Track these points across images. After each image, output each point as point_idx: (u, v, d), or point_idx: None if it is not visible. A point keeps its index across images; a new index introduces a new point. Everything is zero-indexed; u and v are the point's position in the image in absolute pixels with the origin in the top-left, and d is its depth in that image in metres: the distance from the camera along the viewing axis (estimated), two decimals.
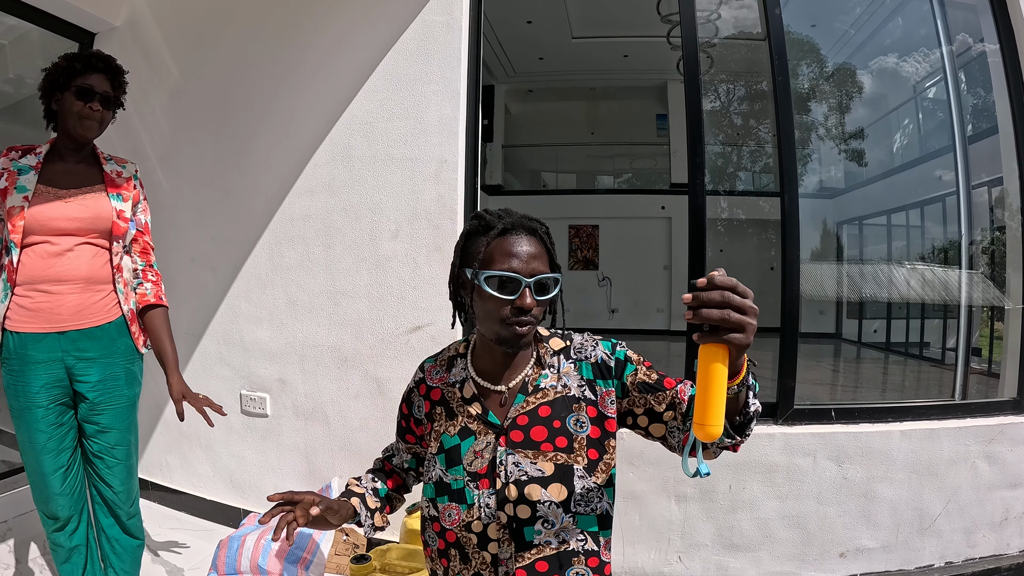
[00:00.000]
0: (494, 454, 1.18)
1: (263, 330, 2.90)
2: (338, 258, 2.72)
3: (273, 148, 2.88)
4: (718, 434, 0.86)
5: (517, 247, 1.14)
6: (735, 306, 0.83)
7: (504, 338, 1.15)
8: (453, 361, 1.30)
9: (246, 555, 2.45)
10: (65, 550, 1.90)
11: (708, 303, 0.83)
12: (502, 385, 1.23)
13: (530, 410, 1.19)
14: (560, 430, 1.17)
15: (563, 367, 1.23)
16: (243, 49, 2.97)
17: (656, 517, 2.48)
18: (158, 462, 3.24)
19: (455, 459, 1.21)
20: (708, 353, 0.85)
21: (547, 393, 1.20)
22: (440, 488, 1.22)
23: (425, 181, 2.57)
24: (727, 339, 0.84)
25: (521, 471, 1.15)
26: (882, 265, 4.88)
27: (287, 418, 2.88)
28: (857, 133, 5.49)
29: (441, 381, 1.29)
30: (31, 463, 1.84)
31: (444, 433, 1.24)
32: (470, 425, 1.22)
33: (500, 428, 1.19)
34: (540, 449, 1.16)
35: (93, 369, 1.87)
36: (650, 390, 1.18)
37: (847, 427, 2.47)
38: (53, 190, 1.84)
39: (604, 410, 1.20)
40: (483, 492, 1.17)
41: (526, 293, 1.11)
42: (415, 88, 2.60)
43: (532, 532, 1.14)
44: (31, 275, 1.79)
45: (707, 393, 0.85)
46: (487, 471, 1.18)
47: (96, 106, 1.85)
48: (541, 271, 1.13)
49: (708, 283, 0.84)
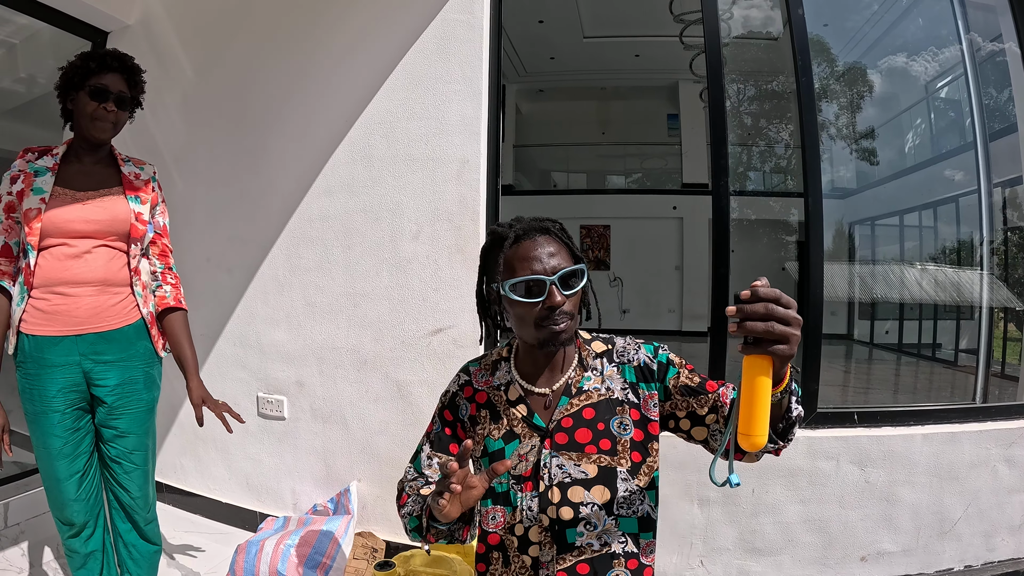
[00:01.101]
0: (538, 457, 1.19)
1: (280, 332, 2.88)
2: (358, 259, 2.69)
3: (290, 148, 2.85)
4: (763, 444, 0.88)
5: (533, 250, 1.15)
6: (779, 318, 0.84)
7: (543, 340, 1.16)
8: (497, 365, 1.31)
9: (265, 560, 2.43)
10: (80, 556, 1.88)
11: (752, 315, 0.84)
12: (546, 388, 1.24)
13: (574, 412, 1.21)
14: (604, 432, 1.19)
15: (606, 370, 1.24)
16: (258, 48, 2.94)
17: (679, 521, 2.46)
18: (172, 464, 3.21)
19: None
20: (752, 364, 0.86)
21: (591, 395, 1.22)
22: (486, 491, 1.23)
23: (447, 182, 2.54)
24: (771, 351, 0.85)
25: (565, 473, 1.17)
26: (894, 266, 4.88)
27: (305, 421, 2.86)
28: (869, 133, 5.49)
29: (487, 384, 1.30)
30: (46, 468, 1.81)
31: (488, 436, 1.25)
32: (515, 428, 1.23)
33: (545, 431, 1.20)
34: (584, 451, 1.18)
35: (111, 373, 1.84)
36: (693, 393, 1.19)
37: (869, 431, 2.45)
38: (70, 192, 1.81)
39: (647, 413, 1.21)
40: (526, 495, 1.19)
41: (553, 291, 1.12)
42: (436, 87, 2.58)
43: (574, 534, 1.16)
44: (48, 277, 1.76)
45: (752, 404, 0.87)
46: (531, 474, 1.19)
47: (110, 106, 1.82)
48: (562, 266, 1.15)
49: (752, 295, 0.85)
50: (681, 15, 5.50)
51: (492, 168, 2.57)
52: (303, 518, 2.75)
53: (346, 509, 2.70)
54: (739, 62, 6.00)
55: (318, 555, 2.45)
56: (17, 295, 1.77)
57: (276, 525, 2.79)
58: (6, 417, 1.71)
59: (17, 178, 1.78)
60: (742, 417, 0.88)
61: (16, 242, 1.81)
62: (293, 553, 2.43)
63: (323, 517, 2.69)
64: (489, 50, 2.57)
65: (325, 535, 2.51)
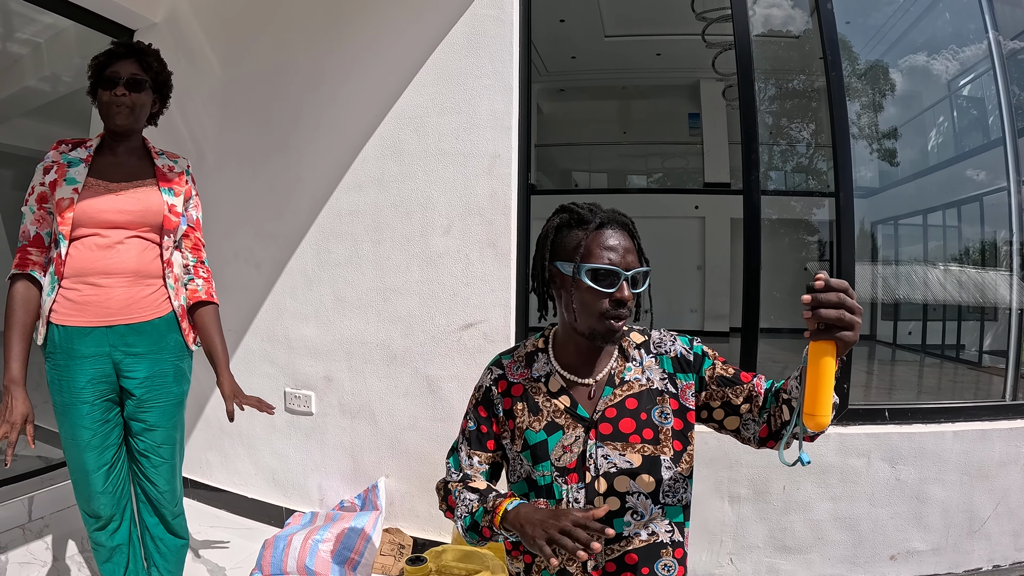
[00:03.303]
0: (584, 448, 1.19)
1: (309, 327, 2.88)
2: (388, 254, 2.69)
3: (319, 142, 2.85)
4: (827, 423, 0.94)
5: (613, 240, 1.16)
6: (849, 306, 0.90)
7: (599, 332, 1.16)
8: (533, 356, 1.30)
9: (292, 555, 2.42)
10: (106, 549, 1.87)
11: (826, 303, 0.90)
12: (588, 378, 1.24)
13: (618, 402, 1.21)
14: (647, 422, 1.19)
15: (645, 360, 1.25)
16: (285, 42, 2.94)
17: (709, 518, 2.45)
18: (198, 459, 3.22)
19: (542, 455, 1.21)
20: (819, 349, 0.92)
21: (632, 385, 1.22)
22: (529, 484, 1.24)
23: (478, 176, 2.54)
24: (839, 337, 0.91)
25: (610, 463, 1.17)
26: (917, 266, 4.83)
27: (333, 416, 2.85)
28: (892, 132, 5.43)
29: (523, 376, 1.29)
30: (74, 460, 1.81)
31: (528, 430, 1.24)
32: (556, 420, 1.22)
33: (590, 421, 1.20)
34: (628, 441, 1.18)
35: (141, 365, 1.83)
36: (728, 383, 1.22)
37: (901, 427, 2.44)
38: (103, 183, 1.81)
39: (685, 402, 1.23)
40: (572, 487, 1.19)
41: (624, 286, 1.13)
42: (466, 82, 2.57)
43: (621, 524, 1.17)
44: (79, 268, 1.75)
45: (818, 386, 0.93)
46: (576, 465, 1.19)
47: (121, 91, 1.81)
48: (635, 265, 1.16)
49: (824, 285, 0.91)
50: (703, 13, 5.48)
51: (523, 163, 2.57)
52: (331, 514, 2.75)
53: (374, 505, 2.70)
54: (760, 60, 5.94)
55: (346, 551, 2.45)
56: (47, 285, 1.76)
57: (303, 520, 2.79)
58: (31, 408, 1.70)
59: (50, 169, 1.78)
60: (808, 399, 0.94)
61: (48, 232, 1.81)
62: (321, 548, 2.42)
63: (351, 513, 2.68)
64: (519, 45, 2.56)
65: (353, 531, 2.50)
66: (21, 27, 3.76)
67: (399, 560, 2.55)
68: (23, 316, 1.74)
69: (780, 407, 1.13)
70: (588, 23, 6.74)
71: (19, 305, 1.74)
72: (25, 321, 1.75)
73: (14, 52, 3.95)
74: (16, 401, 1.67)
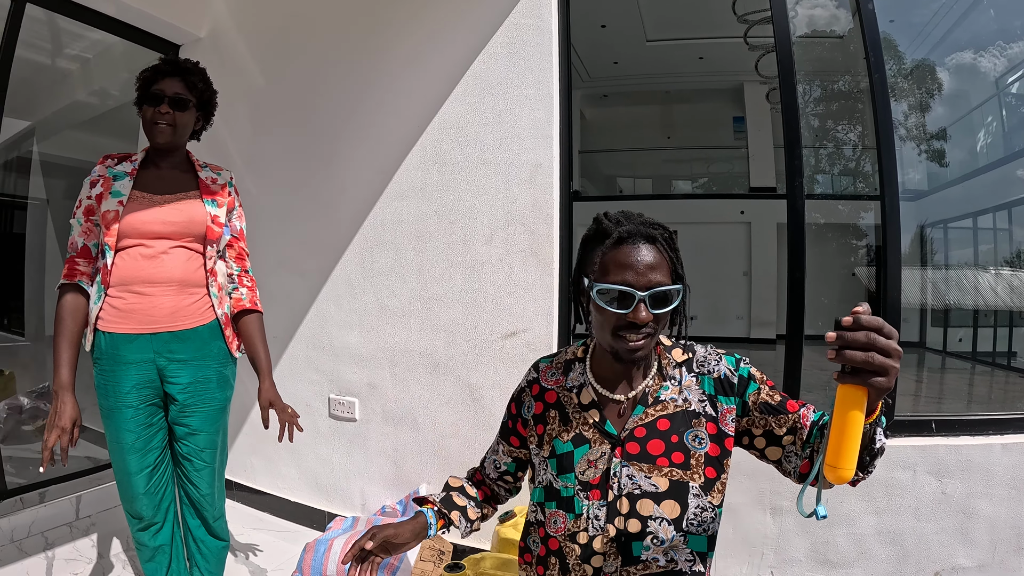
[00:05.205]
0: (608, 465, 1.15)
1: (353, 335, 2.92)
2: (431, 263, 2.71)
3: (361, 153, 2.89)
4: (849, 478, 0.85)
5: (632, 257, 1.09)
6: (880, 348, 0.80)
7: (616, 351, 1.12)
8: (571, 365, 1.27)
9: (333, 560, 2.45)
10: (149, 549, 1.91)
11: (852, 344, 0.80)
12: (620, 394, 1.19)
13: (648, 422, 1.16)
14: (677, 445, 1.14)
15: (684, 380, 1.19)
16: (327, 56, 2.99)
17: (750, 530, 2.41)
18: (242, 463, 3.28)
19: (567, 466, 1.19)
20: (847, 395, 0.83)
21: (667, 406, 1.17)
22: (549, 493, 1.21)
23: (520, 185, 2.54)
24: (869, 382, 0.81)
25: (635, 484, 1.13)
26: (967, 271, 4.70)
27: (376, 423, 2.89)
28: (940, 133, 5.29)
29: (557, 384, 1.26)
30: (118, 462, 1.85)
31: (556, 438, 1.22)
32: (585, 433, 1.19)
33: (616, 439, 1.16)
34: (656, 463, 1.13)
35: (184, 371, 1.87)
36: (772, 412, 1.13)
37: (947, 439, 2.35)
38: (148, 195, 1.85)
39: (724, 428, 1.16)
40: (593, 503, 1.15)
41: (640, 307, 1.07)
42: (506, 92, 2.58)
43: (640, 547, 1.12)
44: (125, 276, 1.80)
45: (842, 437, 0.83)
46: (599, 482, 1.15)
47: (163, 109, 1.85)
48: (658, 282, 1.08)
49: (854, 323, 0.81)
50: (745, 15, 5.40)
51: (565, 172, 2.56)
52: (372, 519, 2.77)
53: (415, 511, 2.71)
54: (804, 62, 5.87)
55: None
56: (94, 294, 1.81)
57: (345, 525, 2.82)
58: (79, 412, 1.75)
59: (96, 182, 1.83)
60: (831, 449, 0.85)
61: (95, 244, 1.85)
62: None
63: (392, 518, 2.71)
64: (559, 54, 2.56)
65: None
66: (70, 43, 3.87)
67: (438, 566, 2.56)
68: (71, 324, 1.79)
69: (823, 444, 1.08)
70: (629, 28, 6.70)
71: (68, 314, 1.79)
72: (73, 329, 1.80)
73: (63, 67, 4.08)
74: (65, 406, 1.72)
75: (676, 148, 9.73)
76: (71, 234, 1.86)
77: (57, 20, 3.21)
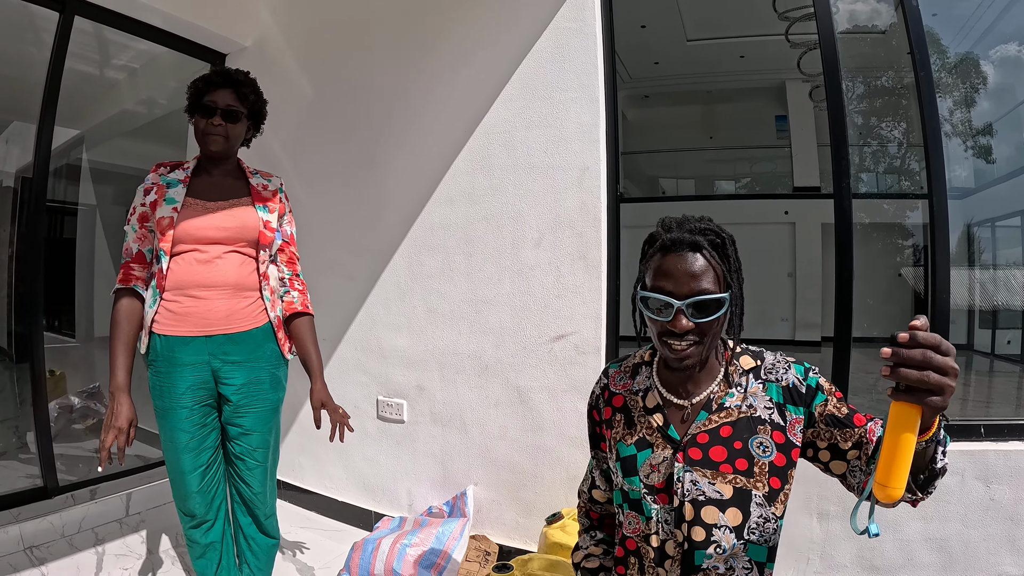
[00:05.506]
0: (671, 470, 1.15)
1: (402, 337, 2.95)
2: (479, 267, 2.74)
3: (408, 157, 2.92)
4: (898, 497, 0.84)
5: (674, 266, 1.10)
6: (936, 366, 0.78)
7: (666, 357, 1.13)
8: (638, 369, 1.29)
9: (381, 558, 2.49)
10: (200, 546, 1.95)
11: (908, 361, 0.79)
12: (685, 399, 1.19)
13: (712, 428, 1.15)
14: (741, 452, 1.13)
15: (751, 387, 1.18)
16: (372, 62, 3.03)
17: (796, 535, 2.38)
18: (291, 463, 3.34)
19: (630, 469, 1.20)
20: (900, 412, 0.81)
21: (731, 413, 1.16)
22: (623, 495, 1.22)
23: (567, 189, 2.55)
24: (924, 401, 0.79)
25: (699, 490, 1.12)
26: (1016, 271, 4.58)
27: (424, 424, 2.92)
28: (986, 128, 5.16)
29: (624, 388, 1.28)
30: (172, 461, 1.89)
31: (620, 441, 1.23)
32: (648, 436, 1.19)
33: (678, 444, 1.16)
34: (719, 470, 1.12)
35: (238, 373, 1.91)
36: (838, 424, 1.11)
37: (996, 444, 2.30)
38: (201, 202, 1.89)
39: (792, 437, 1.14)
40: (661, 507, 1.15)
41: (679, 316, 1.07)
42: (552, 96, 2.59)
43: (703, 556, 1.11)
44: (180, 281, 1.84)
45: (894, 455, 0.82)
46: (664, 486, 1.15)
47: (216, 120, 1.89)
48: (700, 290, 1.08)
49: (910, 339, 0.79)
50: (786, 12, 5.32)
51: (612, 175, 2.56)
52: (419, 519, 2.81)
53: (462, 512, 2.74)
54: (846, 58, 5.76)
55: (433, 556, 2.50)
56: (149, 298, 1.85)
57: (392, 525, 2.86)
58: (135, 413, 1.79)
59: (150, 190, 1.88)
60: (881, 467, 0.84)
61: (149, 249, 1.90)
62: (409, 553, 2.47)
63: (439, 519, 2.73)
64: (603, 57, 2.56)
65: (441, 536, 2.55)
66: (117, 54, 3.98)
67: (484, 567, 2.58)
68: (127, 328, 1.84)
69: None
70: (669, 28, 6.65)
71: (123, 317, 1.84)
72: (129, 332, 1.84)
73: (111, 78, 4.20)
74: (122, 407, 1.76)
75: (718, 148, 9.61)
76: (125, 240, 1.91)
77: (104, 31, 3.29)
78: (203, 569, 1.97)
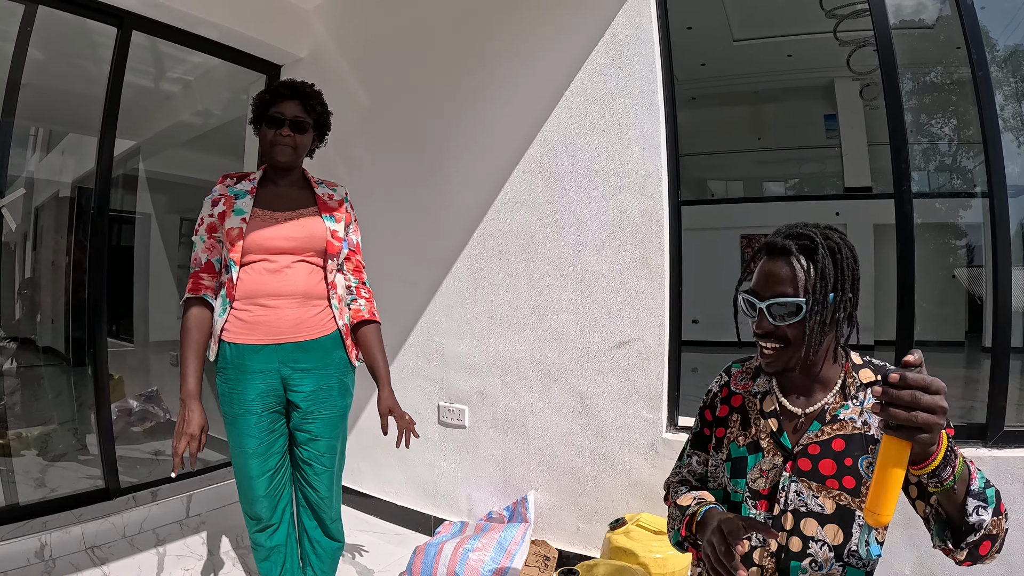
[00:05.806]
0: (778, 479, 1.15)
1: (464, 344, 2.99)
2: (542, 273, 2.76)
3: (468, 165, 2.96)
4: (886, 523, 0.87)
5: (764, 268, 1.14)
6: (924, 406, 0.82)
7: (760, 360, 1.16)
8: (759, 371, 1.29)
9: (443, 562, 2.51)
10: (265, 549, 1.98)
11: (897, 401, 0.83)
12: (799, 408, 1.19)
13: (823, 440, 1.14)
14: (850, 469, 1.11)
15: (867, 402, 1.16)
16: (429, 72, 3.08)
17: None
18: (350, 467, 3.34)
19: (740, 471, 1.20)
20: (890, 446, 0.86)
21: (844, 426, 1.14)
22: (724, 495, 1.23)
23: (629, 195, 2.56)
24: (913, 439, 0.84)
25: (801, 501, 1.12)
26: None
27: (485, 430, 2.95)
28: None
29: (744, 388, 1.28)
30: (239, 466, 1.92)
31: (733, 442, 1.23)
32: (761, 441, 1.20)
33: (790, 452, 1.16)
34: (825, 484, 1.12)
35: (307, 380, 1.93)
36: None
37: None
38: (269, 213, 1.92)
39: None
40: (760, 514, 1.15)
41: (761, 317, 1.11)
42: (612, 103, 2.60)
43: (798, 568, 1.11)
44: (250, 290, 1.87)
45: (883, 486, 0.86)
46: (768, 493, 1.15)
47: (285, 131, 1.92)
48: (780, 293, 1.10)
49: (900, 380, 0.83)
50: (833, 10, 5.23)
51: (673, 180, 2.57)
52: (480, 524, 2.83)
53: (523, 517, 2.76)
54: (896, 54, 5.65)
55: (495, 561, 2.51)
56: (219, 307, 1.89)
57: (453, 529, 2.89)
58: (206, 419, 1.83)
59: (218, 201, 1.91)
60: (871, 495, 0.87)
61: (218, 259, 1.94)
62: (471, 557, 2.49)
63: (500, 524, 2.76)
64: (661, 62, 2.56)
65: (503, 541, 2.57)
66: (172, 67, 4.08)
67: (543, 571, 2.59)
68: (197, 336, 1.88)
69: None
70: (715, 28, 6.61)
71: (194, 326, 1.88)
72: (199, 340, 1.89)
73: (167, 90, 4.30)
74: (193, 414, 1.80)
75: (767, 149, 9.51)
76: (194, 250, 1.94)
77: (160, 45, 3.37)
78: (267, 572, 2.00)
